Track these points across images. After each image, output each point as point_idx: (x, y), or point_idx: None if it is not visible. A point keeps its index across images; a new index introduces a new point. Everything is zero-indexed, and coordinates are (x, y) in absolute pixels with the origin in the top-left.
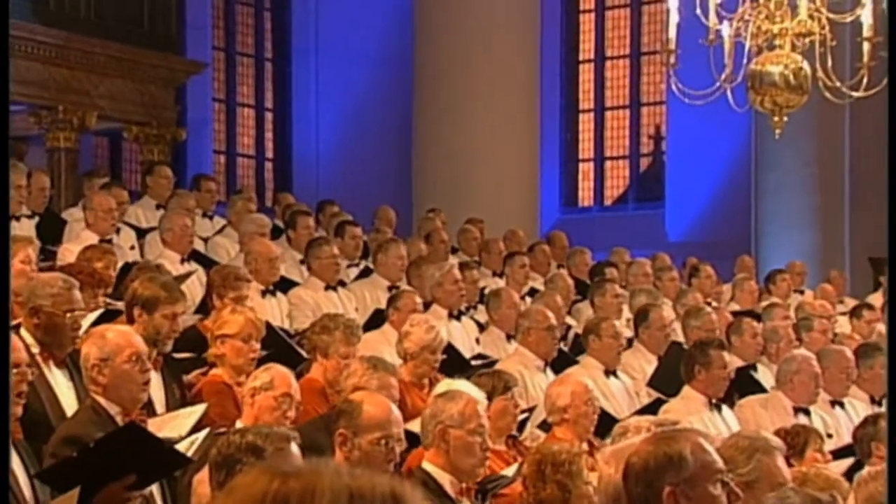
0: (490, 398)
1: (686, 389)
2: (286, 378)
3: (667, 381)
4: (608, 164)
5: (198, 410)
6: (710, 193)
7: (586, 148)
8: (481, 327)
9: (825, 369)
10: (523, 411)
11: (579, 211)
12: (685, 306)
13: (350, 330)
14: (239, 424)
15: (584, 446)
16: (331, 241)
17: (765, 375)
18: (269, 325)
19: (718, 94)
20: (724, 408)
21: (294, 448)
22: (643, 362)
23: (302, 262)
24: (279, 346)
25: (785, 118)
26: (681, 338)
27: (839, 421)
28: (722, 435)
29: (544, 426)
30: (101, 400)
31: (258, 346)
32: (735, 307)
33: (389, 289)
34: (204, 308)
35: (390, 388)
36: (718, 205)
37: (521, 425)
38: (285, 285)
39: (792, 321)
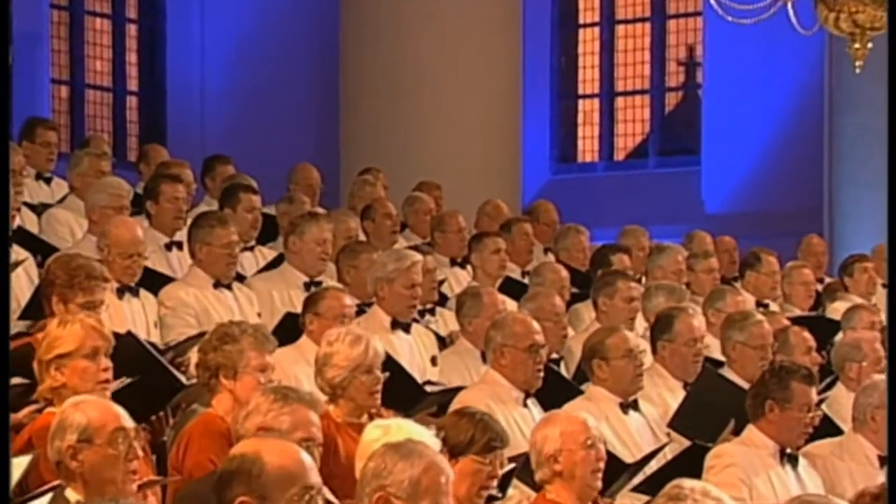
0: (460, 453)
1: (750, 431)
2: (108, 415)
3: (696, 422)
4: (620, 101)
5: (18, 466)
6: (765, 145)
7: (589, 79)
8: (441, 341)
9: None
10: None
11: (578, 169)
12: (721, 312)
13: (263, 335)
14: (69, 493)
15: None
16: (228, 222)
17: (830, 407)
18: (134, 339)
19: (776, 10)
20: (802, 461)
21: None
22: (663, 389)
23: (168, 246)
24: (148, 368)
25: (869, 44)
26: (719, 356)
27: None
28: None
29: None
30: None
31: (108, 361)
32: (792, 310)
33: (307, 286)
34: (35, 311)
35: (309, 427)
36: (776, 162)
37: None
38: (148, 280)
39: (880, 331)
